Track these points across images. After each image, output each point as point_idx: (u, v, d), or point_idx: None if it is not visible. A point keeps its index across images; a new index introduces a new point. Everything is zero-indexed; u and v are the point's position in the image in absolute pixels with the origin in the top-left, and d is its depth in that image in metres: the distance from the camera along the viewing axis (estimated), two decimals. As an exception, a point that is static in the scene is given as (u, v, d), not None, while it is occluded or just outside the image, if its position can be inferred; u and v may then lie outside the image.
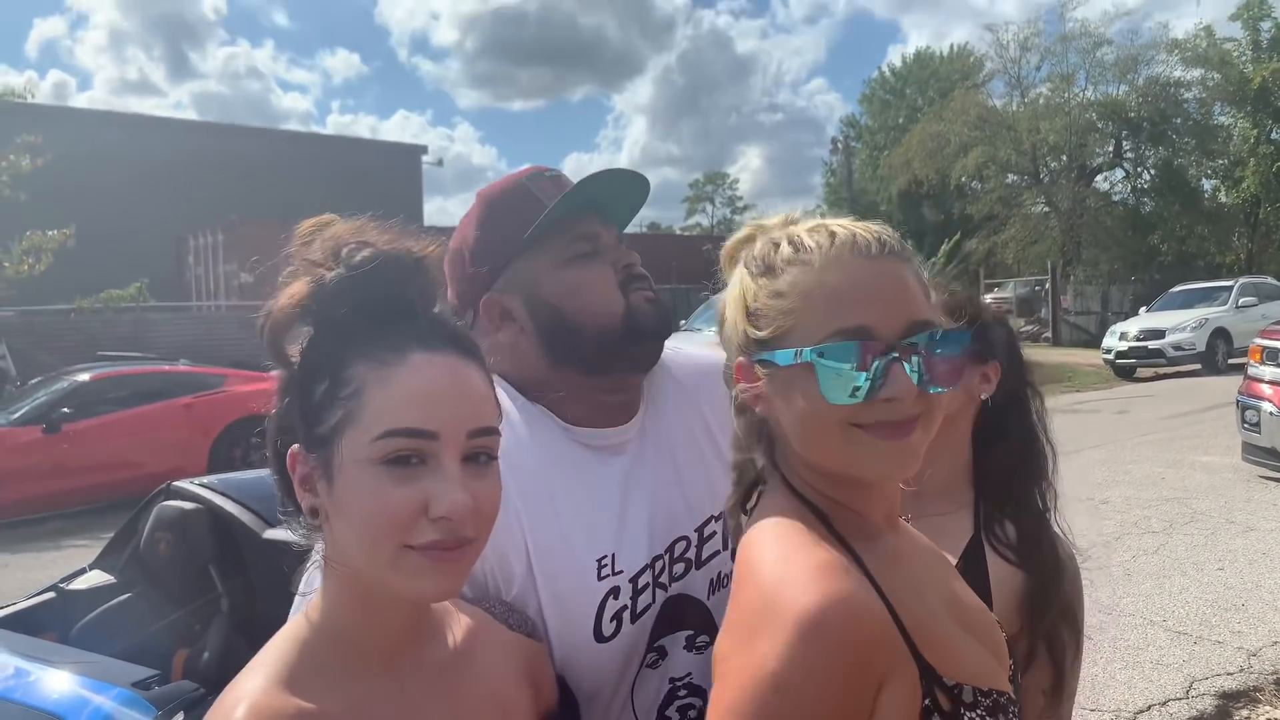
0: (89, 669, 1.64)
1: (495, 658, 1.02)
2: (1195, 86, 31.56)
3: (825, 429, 0.91)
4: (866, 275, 0.91)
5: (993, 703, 0.91)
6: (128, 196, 24.59)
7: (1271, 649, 4.72)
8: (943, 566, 1.09)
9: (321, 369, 0.89)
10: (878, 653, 0.86)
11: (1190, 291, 21.06)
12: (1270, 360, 8.33)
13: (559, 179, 1.35)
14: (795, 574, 0.88)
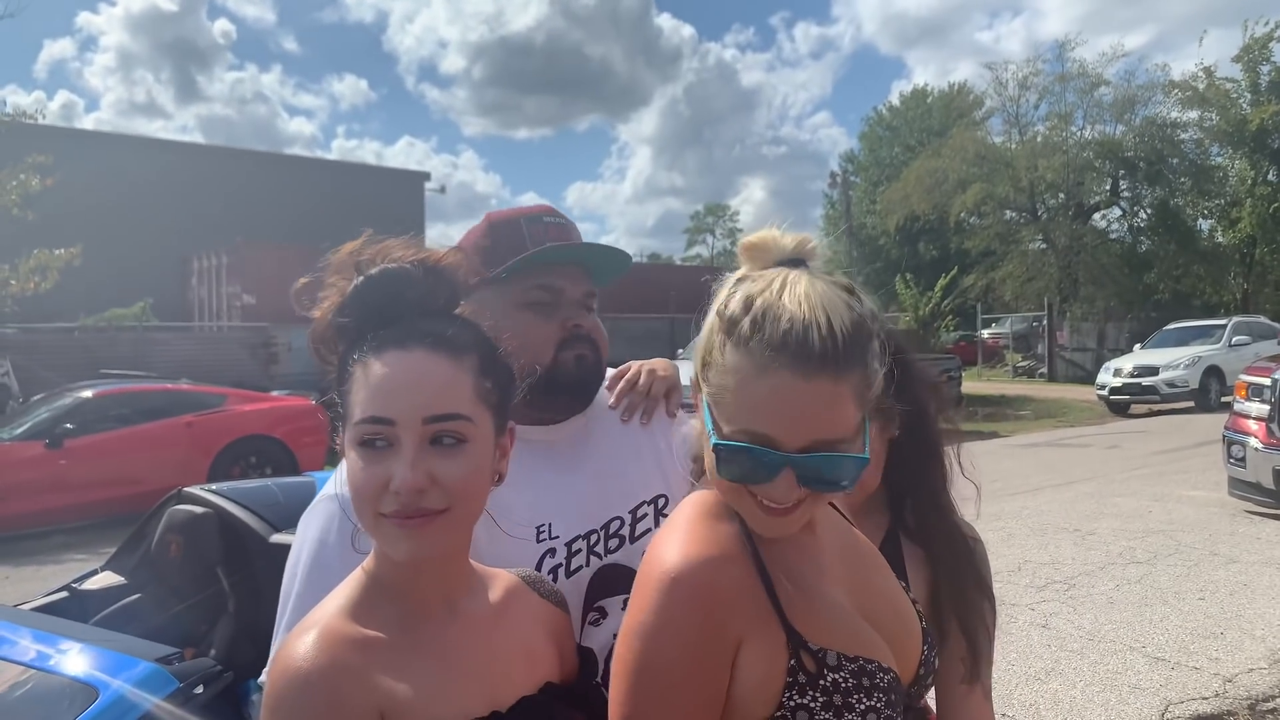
0: (115, 645, 1.77)
1: (526, 617, 1.19)
2: (1192, 127, 31.96)
3: (723, 485, 1.06)
4: (789, 393, 0.99)
5: (858, 668, 1.04)
6: (133, 217, 24.84)
7: (1247, 675, 4.82)
8: (860, 561, 1.22)
9: (341, 369, 1.09)
10: (734, 612, 1.01)
11: (1184, 329, 21.24)
12: (1256, 396, 8.48)
13: (556, 227, 1.54)
14: (674, 541, 1.06)
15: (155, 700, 1.59)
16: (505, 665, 1.13)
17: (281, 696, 0.98)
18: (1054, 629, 5.60)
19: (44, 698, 1.62)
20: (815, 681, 1.02)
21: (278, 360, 16.01)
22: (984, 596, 1.58)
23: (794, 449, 1.00)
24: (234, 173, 28.64)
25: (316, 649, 0.99)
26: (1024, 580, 6.63)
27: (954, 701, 1.55)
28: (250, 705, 2.85)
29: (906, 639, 1.18)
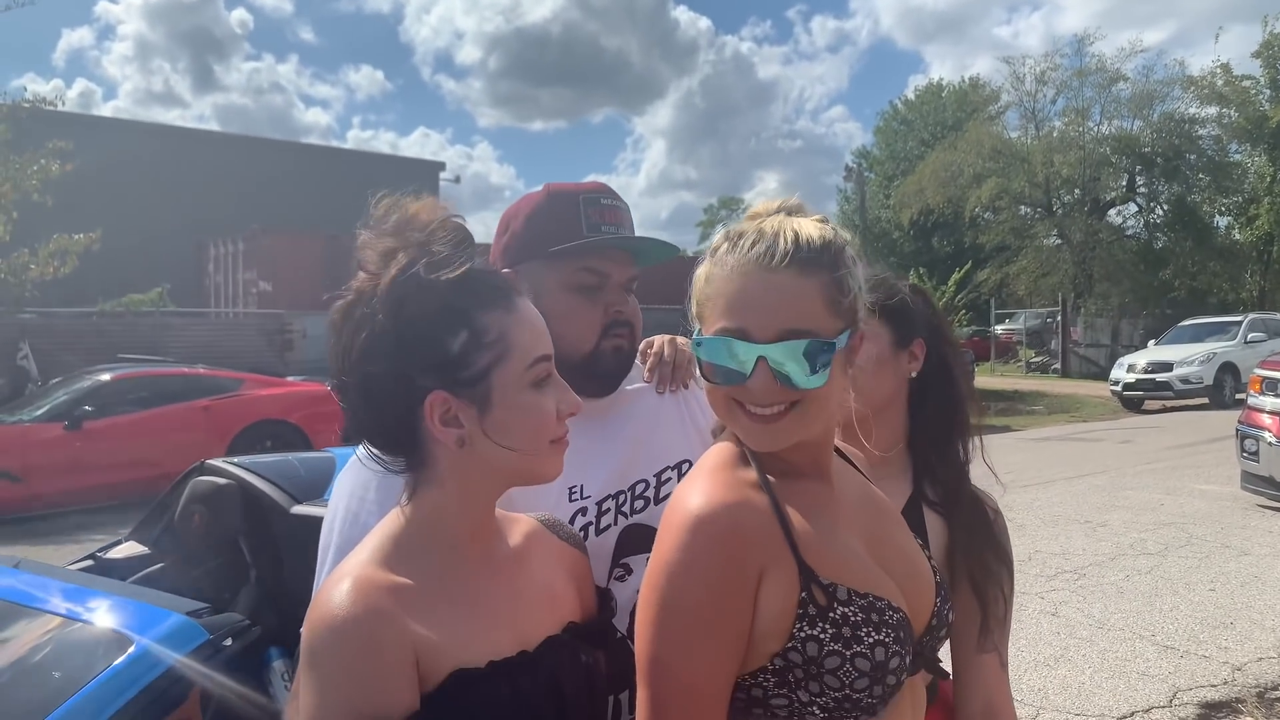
0: (148, 598, 1.83)
1: (547, 558, 1.25)
2: (1210, 123, 31.74)
3: (716, 399, 1.15)
4: (758, 285, 1.09)
5: (868, 604, 1.09)
6: (150, 204, 24.99)
7: (1256, 664, 4.84)
8: (877, 514, 1.27)
9: (452, 324, 1.09)
10: (754, 548, 1.07)
11: (1199, 326, 21.14)
12: (1270, 390, 8.46)
13: (612, 210, 1.58)
14: (697, 487, 1.11)
15: (186, 650, 1.64)
16: (530, 607, 1.17)
17: (319, 642, 1.02)
18: (1063, 617, 5.62)
19: (80, 646, 1.67)
20: (825, 614, 1.06)
21: (293, 347, 16.11)
22: (1003, 564, 1.61)
23: (765, 339, 1.08)
24: (250, 161, 28.77)
25: (352, 596, 1.03)
26: (1034, 570, 6.66)
27: (969, 667, 1.59)
28: (270, 671, 2.92)
29: (919, 588, 1.22)
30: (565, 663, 1.16)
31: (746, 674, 1.08)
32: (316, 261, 18.33)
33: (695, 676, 1.05)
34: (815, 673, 1.05)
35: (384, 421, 1.12)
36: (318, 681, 1.01)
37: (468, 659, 1.07)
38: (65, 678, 1.57)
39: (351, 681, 1.00)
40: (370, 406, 1.12)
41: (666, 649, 1.06)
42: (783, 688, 1.07)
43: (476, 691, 1.06)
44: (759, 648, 1.07)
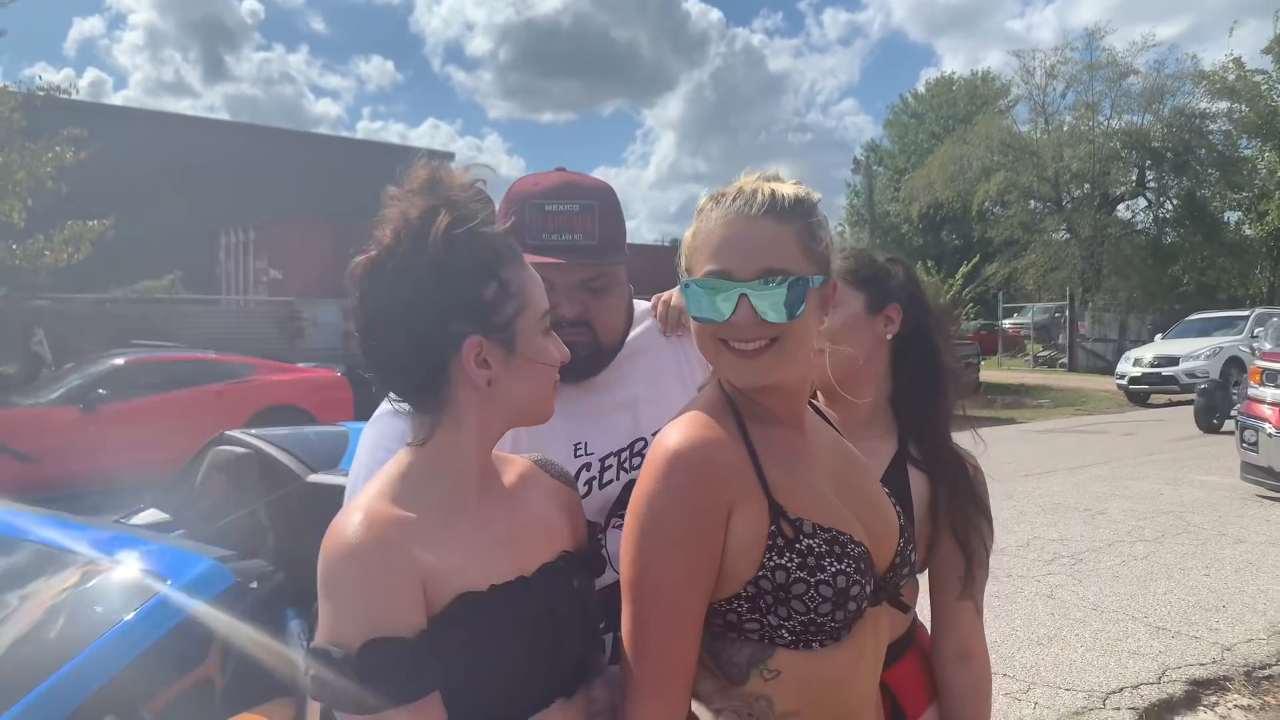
0: (180, 544, 1.95)
1: (540, 495, 1.36)
2: (1221, 118, 31.67)
3: (704, 341, 1.27)
4: (739, 230, 1.23)
5: (831, 537, 1.21)
6: (162, 192, 25.16)
7: (1246, 645, 4.95)
8: (846, 462, 1.39)
9: (485, 276, 1.21)
10: (725, 482, 1.20)
11: (1207, 320, 21.14)
12: (1270, 382, 8.55)
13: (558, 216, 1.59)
14: (677, 427, 1.24)
15: (216, 591, 1.77)
16: (527, 537, 1.27)
17: (335, 569, 1.11)
18: (1058, 599, 5.73)
19: (117, 585, 1.80)
20: (792, 545, 1.19)
21: (303, 334, 16.28)
22: (982, 516, 1.72)
23: (746, 277, 1.21)
24: (261, 150, 28.94)
25: (363, 527, 1.12)
26: (1032, 555, 6.76)
27: (948, 613, 1.70)
28: (288, 631, 3.05)
29: (883, 529, 1.34)
30: (560, 587, 1.26)
31: (722, 600, 1.20)
32: (327, 250, 18.43)
33: (672, 593, 1.18)
34: (783, 598, 1.18)
35: (417, 367, 1.20)
36: (334, 604, 1.10)
37: (471, 583, 1.16)
38: (107, 611, 1.69)
39: (364, 603, 1.09)
40: (406, 352, 1.19)
41: (646, 569, 1.19)
42: (755, 613, 1.19)
43: (480, 613, 1.16)
44: (734, 575, 1.19)
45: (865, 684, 1.29)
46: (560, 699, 1.23)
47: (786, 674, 1.20)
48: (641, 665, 1.20)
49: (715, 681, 1.24)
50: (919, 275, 1.89)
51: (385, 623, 1.08)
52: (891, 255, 1.88)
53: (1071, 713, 4.16)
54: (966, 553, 1.67)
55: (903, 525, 1.39)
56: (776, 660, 1.20)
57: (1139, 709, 4.21)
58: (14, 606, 1.88)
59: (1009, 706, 4.23)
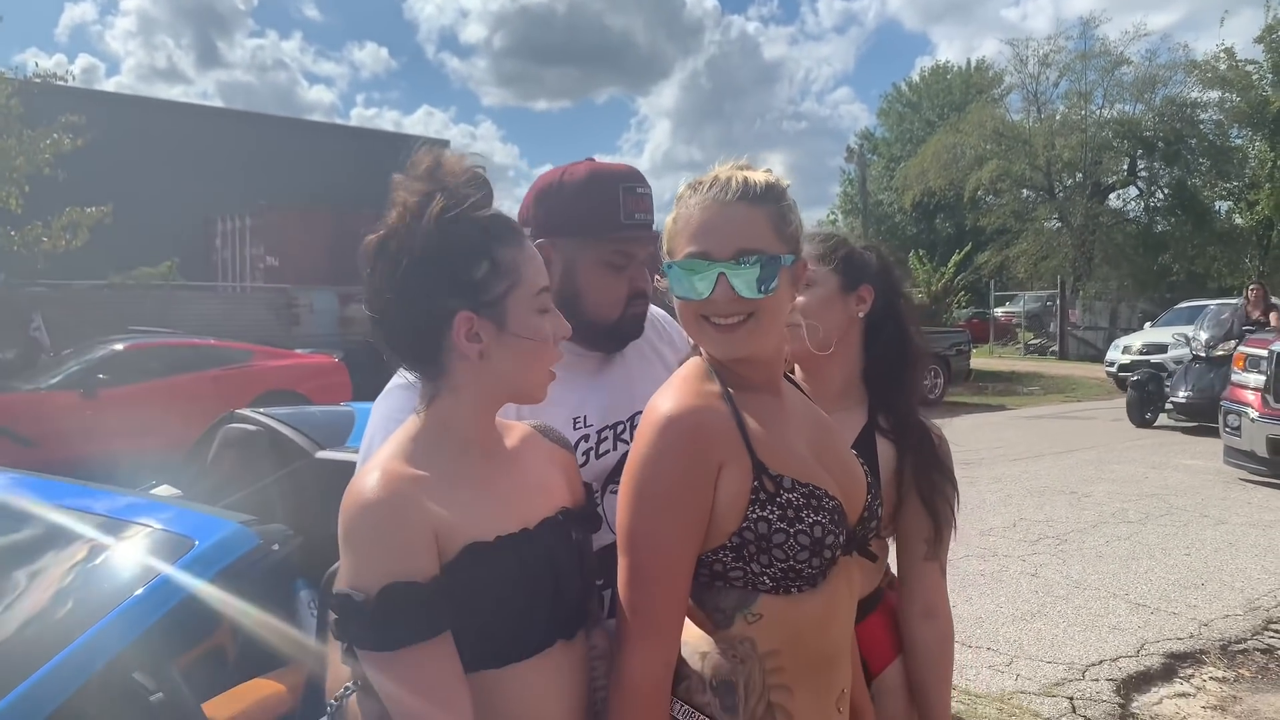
0: (203, 509, 2.08)
1: (540, 456, 1.47)
2: (1212, 108, 31.77)
3: (686, 318, 1.40)
4: (715, 215, 1.36)
5: (808, 491, 1.34)
6: (158, 179, 25.13)
7: (1223, 621, 5.11)
8: (819, 426, 1.52)
9: (476, 255, 1.31)
10: (714, 445, 1.32)
11: (1195, 308, 21.22)
12: (1253, 368, 8.71)
13: (645, 199, 1.80)
14: (668, 394, 1.37)
15: (241, 552, 1.89)
16: (529, 493, 1.38)
17: (354, 521, 1.22)
18: (1043, 578, 5.89)
19: (146, 545, 1.92)
20: (773, 499, 1.31)
21: (299, 321, 16.35)
22: (947, 481, 1.85)
23: (724, 257, 1.34)
24: (257, 137, 28.89)
25: (380, 483, 1.23)
26: (1018, 535, 6.92)
27: (915, 573, 1.84)
28: (298, 601, 3.18)
29: (853, 486, 1.47)
30: (560, 539, 1.38)
31: (709, 551, 1.33)
32: (323, 237, 18.52)
33: (665, 546, 1.31)
34: (765, 547, 1.30)
35: (415, 337, 1.32)
36: (354, 554, 1.21)
37: (479, 534, 1.27)
38: (142, 569, 1.82)
39: (383, 551, 1.20)
40: (404, 324, 1.32)
41: (641, 523, 1.31)
42: (739, 561, 1.32)
43: (487, 562, 1.26)
44: (720, 527, 1.32)
45: (840, 627, 1.41)
46: (561, 640, 1.34)
47: (768, 617, 1.32)
48: (636, 611, 1.31)
49: (704, 627, 1.36)
50: (891, 260, 2.01)
51: (401, 569, 1.19)
52: (869, 242, 2.01)
53: (1052, 684, 4.32)
54: (933, 514, 1.80)
55: (870, 483, 1.52)
56: (759, 605, 1.32)
57: (1117, 680, 4.36)
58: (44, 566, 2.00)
59: (992, 678, 4.39)
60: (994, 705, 4.09)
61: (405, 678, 1.20)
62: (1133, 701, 4.20)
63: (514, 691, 1.29)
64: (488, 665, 1.27)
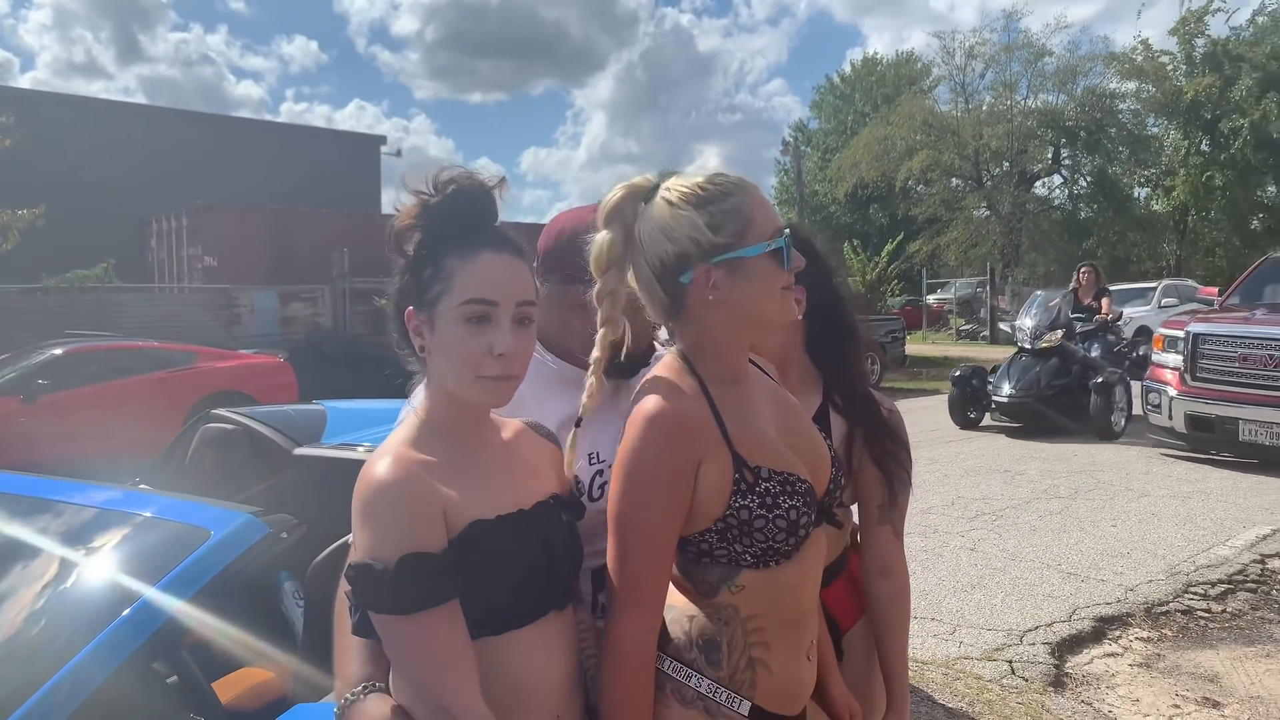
0: (210, 502, 2.21)
1: (530, 448, 1.59)
2: (1130, 98, 32.88)
3: (771, 293, 1.51)
4: (761, 194, 1.53)
5: (783, 479, 1.50)
6: (88, 179, 24.60)
7: (1147, 585, 5.46)
8: (781, 405, 1.67)
9: (427, 259, 1.43)
10: (695, 440, 1.46)
11: (1118, 292, 22.10)
12: (1171, 348, 9.17)
13: None
14: (652, 392, 1.51)
15: (254, 540, 2.04)
16: (524, 479, 1.51)
17: (372, 501, 1.34)
18: (981, 551, 6.20)
19: (165, 536, 2.04)
20: (753, 488, 1.48)
21: (240, 321, 16.21)
22: (899, 445, 2.03)
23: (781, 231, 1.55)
24: (190, 135, 28.34)
25: (392, 466, 1.36)
26: (956, 513, 7.24)
27: (870, 535, 2.04)
28: (282, 591, 3.30)
29: (820, 463, 1.64)
30: (553, 520, 1.50)
31: (697, 533, 1.50)
32: (262, 236, 18.35)
33: (648, 529, 1.47)
34: (747, 530, 1.48)
35: (397, 327, 1.48)
36: (372, 528, 1.33)
37: (481, 513, 1.40)
38: (165, 556, 1.95)
39: (399, 526, 1.32)
40: (394, 314, 1.49)
41: (628, 509, 1.47)
42: (723, 542, 1.49)
43: (489, 538, 1.39)
44: (705, 513, 1.48)
45: (811, 590, 1.60)
46: (554, 611, 1.48)
47: (750, 588, 1.50)
48: (624, 584, 1.48)
49: (691, 596, 1.54)
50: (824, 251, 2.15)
51: (417, 541, 1.32)
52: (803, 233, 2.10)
53: (993, 649, 4.60)
54: (887, 476, 1.99)
55: (834, 456, 1.70)
56: (741, 578, 1.50)
57: (1051, 644, 4.66)
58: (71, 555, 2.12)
59: (937, 646, 4.66)
60: (940, 670, 4.36)
61: (419, 639, 1.32)
62: (1066, 662, 4.50)
63: (511, 655, 1.42)
64: (488, 632, 1.39)
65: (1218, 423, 8.58)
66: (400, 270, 1.48)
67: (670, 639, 1.52)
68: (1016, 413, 10.86)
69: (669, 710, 1.50)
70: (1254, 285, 10.20)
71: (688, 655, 1.51)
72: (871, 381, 2.13)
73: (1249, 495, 7.55)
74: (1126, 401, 10.57)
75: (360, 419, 3.70)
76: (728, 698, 1.49)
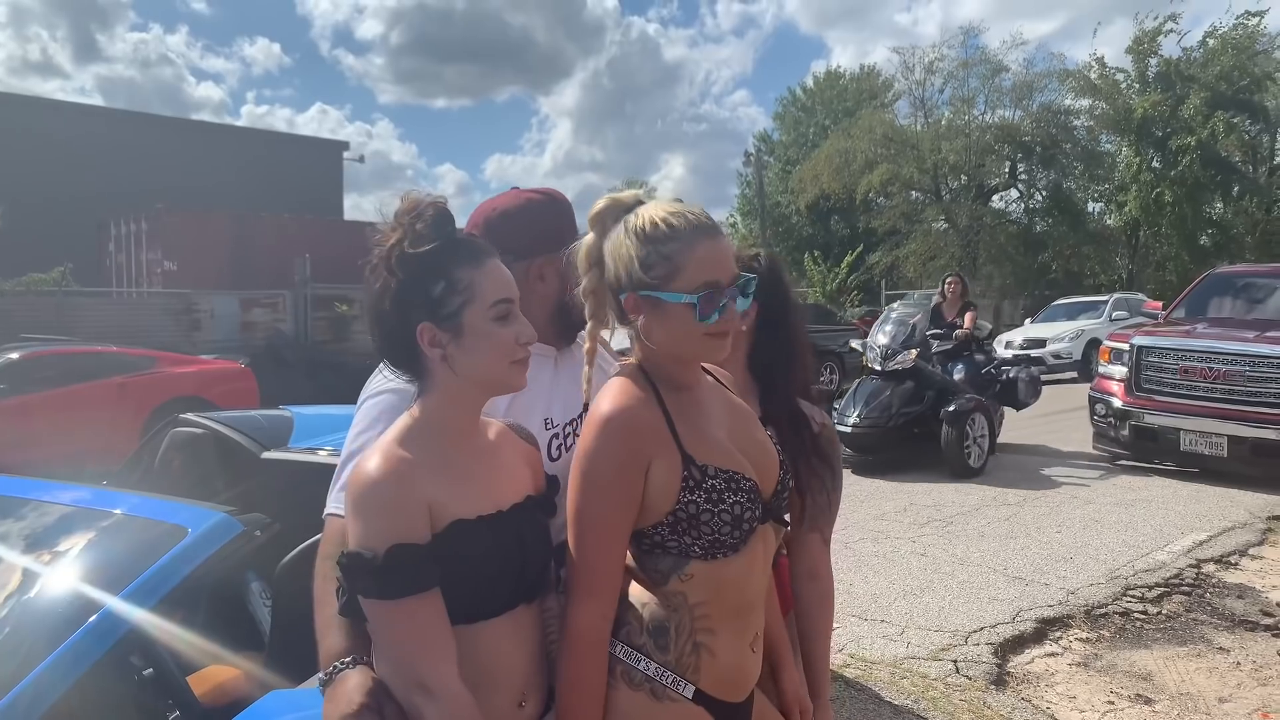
0: (189, 502, 2.30)
1: (512, 449, 1.71)
2: (1084, 115, 33.60)
3: (687, 336, 1.61)
4: (714, 248, 1.60)
5: (729, 476, 1.62)
6: (46, 181, 24.30)
7: (1088, 589, 5.67)
8: (732, 411, 1.79)
9: (435, 273, 1.54)
10: (645, 440, 1.59)
11: (1071, 305, 22.64)
12: (1117, 360, 9.47)
13: None
14: (607, 395, 1.64)
15: (228, 537, 2.14)
16: (502, 480, 1.62)
17: (364, 495, 1.45)
18: (930, 556, 6.39)
19: (143, 534, 2.14)
20: (700, 484, 1.60)
21: (200, 326, 16.13)
22: (823, 463, 2.13)
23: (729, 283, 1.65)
24: (149, 138, 28.10)
25: (383, 463, 1.47)
26: (908, 519, 7.44)
27: (798, 540, 2.17)
28: (250, 591, 3.38)
29: (767, 465, 1.76)
30: (527, 521, 1.62)
31: (649, 526, 1.62)
32: (222, 241, 18.27)
33: (603, 523, 1.59)
34: (694, 524, 1.60)
35: (394, 346, 1.59)
36: (364, 520, 1.44)
37: (462, 513, 1.50)
38: (145, 551, 2.05)
39: (388, 519, 1.43)
40: (385, 336, 1.59)
41: (584, 504, 1.59)
42: (674, 535, 1.62)
43: (468, 537, 1.50)
44: (657, 507, 1.60)
45: (757, 581, 1.72)
46: (523, 604, 1.59)
47: (698, 577, 1.62)
48: (580, 574, 1.60)
49: (645, 585, 1.66)
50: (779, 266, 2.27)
51: (404, 533, 1.43)
52: (759, 250, 2.28)
53: (939, 649, 4.78)
54: (802, 493, 2.08)
55: (782, 460, 1.83)
56: (690, 568, 1.62)
57: (995, 644, 4.84)
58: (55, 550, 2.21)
59: (886, 646, 4.82)
60: (887, 669, 4.52)
61: (403, 623, 1.43)
62: (1009, 662, 4.68)
63: (482, 643, 1.52)
64: (461, 621, 1.50)
65: (1160, 433, 8.87)
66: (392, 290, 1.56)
67: (624, 624, 1.64)
68: (863, 444, 9.34)
69: (617, 692, 1.62)
70: (1198, 299, 10.53)
71: (638, 640, 1.62)
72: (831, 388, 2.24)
73: (1189, 503, 7.82)
74: (988, 430, 9.34)
75: (326, 424, 3.79)
76: (673, 681, 1.61)
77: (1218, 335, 8.94)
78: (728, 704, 1.66)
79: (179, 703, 2.27)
